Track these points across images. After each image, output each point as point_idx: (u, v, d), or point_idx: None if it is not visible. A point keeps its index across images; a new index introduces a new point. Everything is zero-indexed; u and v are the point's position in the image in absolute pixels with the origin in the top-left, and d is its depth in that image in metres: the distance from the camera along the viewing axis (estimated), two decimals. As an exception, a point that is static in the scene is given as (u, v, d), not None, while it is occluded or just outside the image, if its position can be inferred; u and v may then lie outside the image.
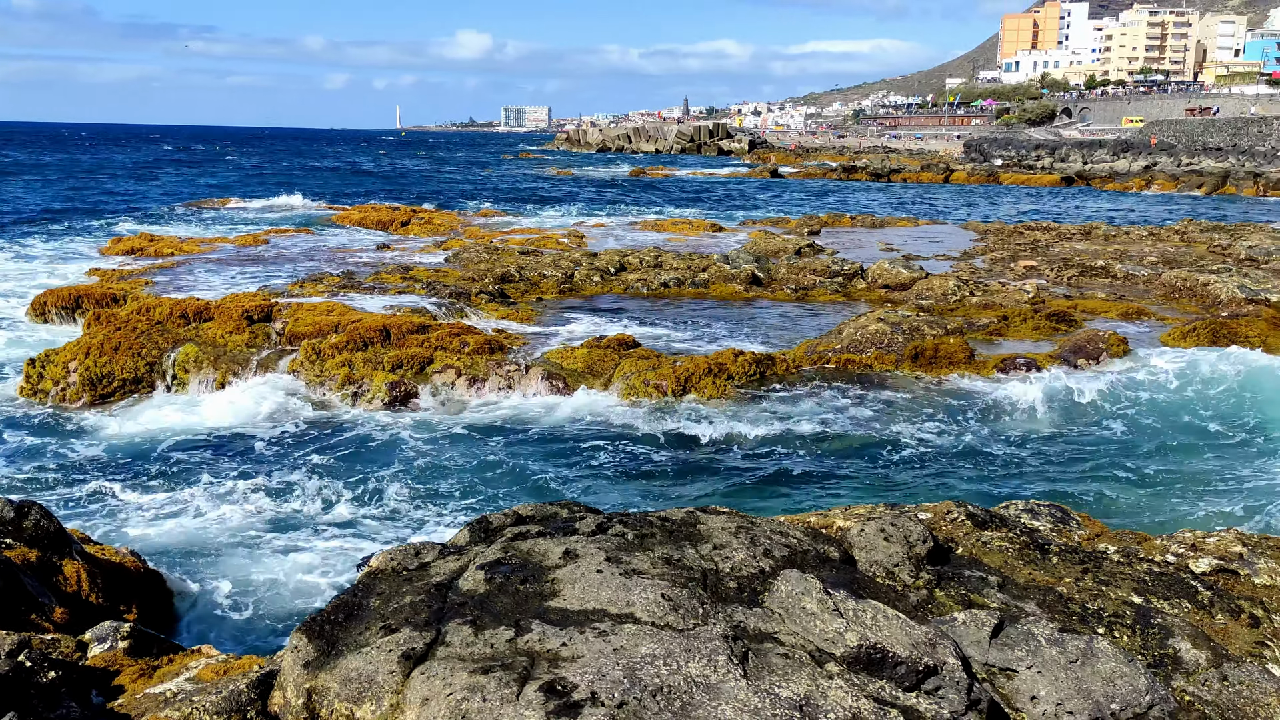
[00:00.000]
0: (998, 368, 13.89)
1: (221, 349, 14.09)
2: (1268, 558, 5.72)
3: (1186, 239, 27.13)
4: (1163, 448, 11.50)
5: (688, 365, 12.89)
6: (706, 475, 10.83)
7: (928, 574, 5.26)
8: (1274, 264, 21.62)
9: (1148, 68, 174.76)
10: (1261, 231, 28.60)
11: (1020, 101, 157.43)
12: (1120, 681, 4.21)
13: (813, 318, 17.25)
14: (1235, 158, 72.04)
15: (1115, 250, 24.58)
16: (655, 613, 4.23)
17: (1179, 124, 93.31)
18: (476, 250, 22.10)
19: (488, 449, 11.51)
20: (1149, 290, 19.53)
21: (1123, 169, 71.12)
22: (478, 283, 18.31)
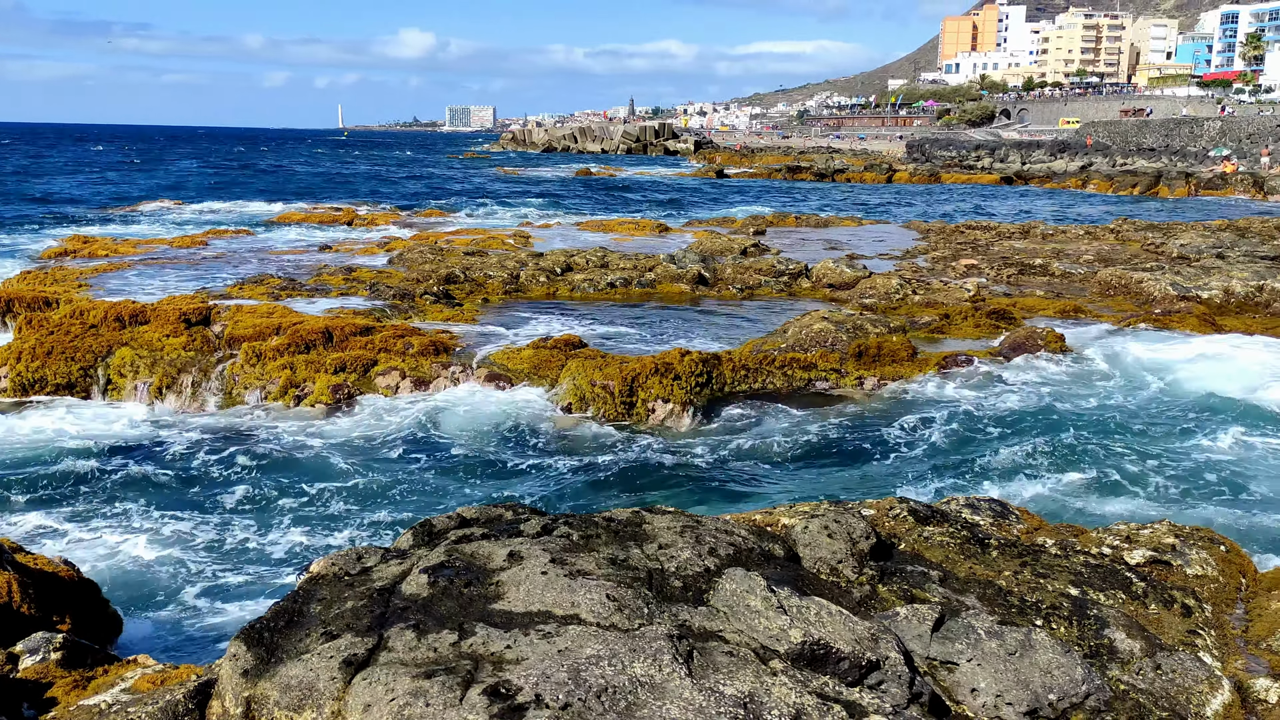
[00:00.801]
0: (940, 365, 14.08)
1: (159, 353, 13.82)
2: (1199, 548, 5.86)
3: (1121, 238, 27.72)
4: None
5: (635, 365, 12.90)
6: (654, 475, 10.85)
7: (871, 570, 5.31)
8: (1205, 262, 22.16)
9: (1083, 70, 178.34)
10: (1193, 230, 29.31)
11: (961, 103, 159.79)
12: (1058, 672, 4.29)
13: (759, 317, 17.35)
14: (1168, 158, 73.76)
15: (1053, 249, 25.03)
16: (600, 613, 4.22)
17: (1114, 125, 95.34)
18: (420, 251, 21.91)
19: (432, 451, 11.42)
20: (1085, 288, 19.93)
21: (1060, 169, 72.48)
22: (422, 284, 18.16)
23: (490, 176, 75.40)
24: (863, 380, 13.82)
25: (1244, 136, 76.07)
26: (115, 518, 9.47)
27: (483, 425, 12.16)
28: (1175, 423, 12.19)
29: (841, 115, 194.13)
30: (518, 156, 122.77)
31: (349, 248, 24.66)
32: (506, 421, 12.22)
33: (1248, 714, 4.32)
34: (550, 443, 11.80)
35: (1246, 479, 10.48)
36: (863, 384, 13.78)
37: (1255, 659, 4.82)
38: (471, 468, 10.96)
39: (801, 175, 76.74)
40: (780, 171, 79.89)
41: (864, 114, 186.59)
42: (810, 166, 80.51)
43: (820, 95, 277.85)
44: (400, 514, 9.65)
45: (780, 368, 13.93)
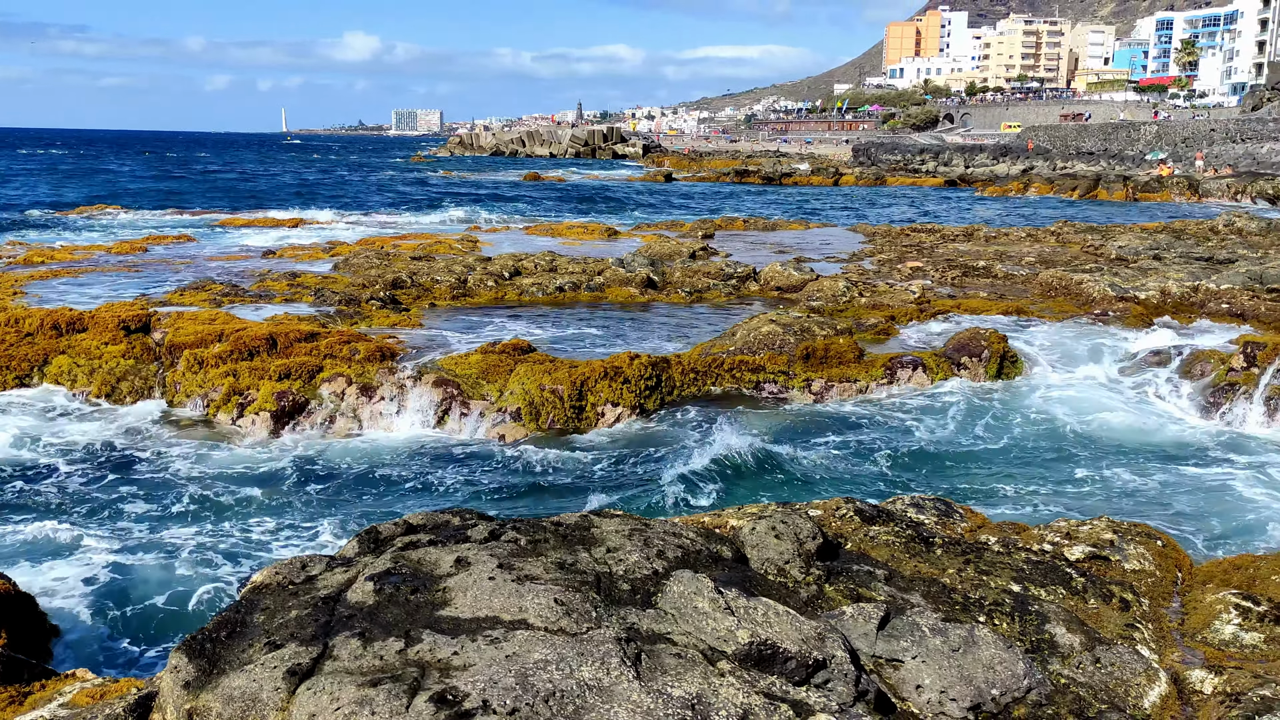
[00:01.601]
0: (885, 366, 14.23)
1: (97, 361, 13.55)
2: (1136, 543, 5.99)
3: (1062, 240, 28.23)
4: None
5: (584, 369, 12.88)
6: (603, 479, 10.84)
7: (818, 569, 5.36)
8: (1142, 263, 22.65)
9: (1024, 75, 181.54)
10: (1130, 232, 29.94)
11: (905, 107, 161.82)
12: (1000, 667, 4.36)
13: (707, 320, 17.42)
14: (1106, 161, 75.27)
15: (996, 251, 25.43)
16: (548, 618, 4.21)
17: (1054, 129, 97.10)
18: (367, 256, 21.70)
19: (378, 457, 11.31)
20: (1027, 289, 20.26)
21: (1002, 172, 73.68)
22: (368, 289, 17.98)
23: (437, 180, 74.88)
24: (810, 382, 13.93)
25: (1179, 140, 77.87)
26: (54, 528, 9.25)
27: (433, 429, 12.07)
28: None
29: (788, 119, 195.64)
30: (466, 160, 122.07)
31: (293, 253, 24.33)
32: (453, 425, 12.13)
33: (1184, 704, 4.42)
34: (499, 448, 11.75)
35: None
36: (810, 386, 13.89)
37: (1191, 651, 4.94)
38: (418, 475, 10.87)
39: (749, 179, 77.19)
40: (728, 175, 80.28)
41: (811, 118, 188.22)
42: (758, 170, 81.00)
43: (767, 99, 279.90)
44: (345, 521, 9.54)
45: (729, 370, 13.99)
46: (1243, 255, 23.41)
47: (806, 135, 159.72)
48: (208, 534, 9.21)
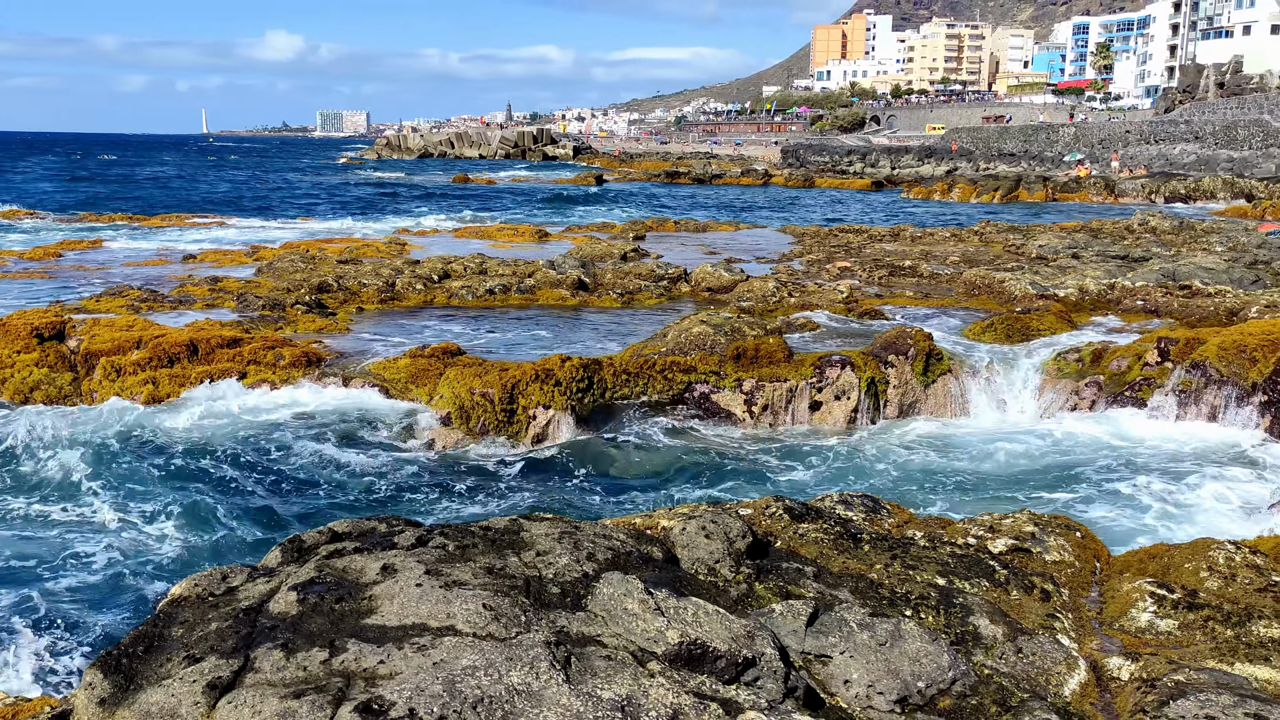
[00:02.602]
0: (815, 366, 14.38)
1: (9, 370, 13.11)
2: (1056, 535, 6.13)
3: (985, 239, 28.82)
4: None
5: (515, 372, 12.81)
6: (535, 482, 10.79)
7: (748, 568, 5.39)
8: (1061, 261, 23.21)
9: (947, 78, 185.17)
10: (1050, 231, 30.69)
11: (833, 109, 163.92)
12: (926, 660, 4.42)
13: (639, 321, 17.44)
14: (1027, 162, 77.09)
15: (921, 251, 25.87)
16: (477, 623, 4.17)
17: (976, 131, 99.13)
18: (291, 260, 21.33)
19: (301, 463, 11.11)
20: (952, 288, 20.64)
21: (927, 173, 75.05)
22: (293, 293, 17.67)
23: (365, 183, 73.95)
24: (741, 382, 14.02)
25: (1096, 142, 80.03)
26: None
27: (359, 434, 11.89)
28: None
29: (718, 121, 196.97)
30: (393, 162, 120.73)
31: (215, 258, 23.82)
32: (381, 432, 11.97)
33: (1102, 691, 4.53)
34: (428, 453, 11.63)
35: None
36: (741, 386, 13.98)
37: (1109, 639, 5.06)
38: (343, 481, 10.71)
39: (680, 180, 77.54)
40: (659, 176, 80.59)
41: (740, 120, 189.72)
42: (688, 172, 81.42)
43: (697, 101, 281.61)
44: (262, 531, 9.35)
45: (661, 371, 14.02)
46: (1156, 253, 24.12)
47: (736, 137, 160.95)
48: (114, 544, 8.98)
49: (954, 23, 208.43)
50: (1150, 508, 10.17)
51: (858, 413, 14.02)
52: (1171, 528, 9.68)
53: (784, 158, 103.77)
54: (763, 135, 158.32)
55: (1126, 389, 13.21)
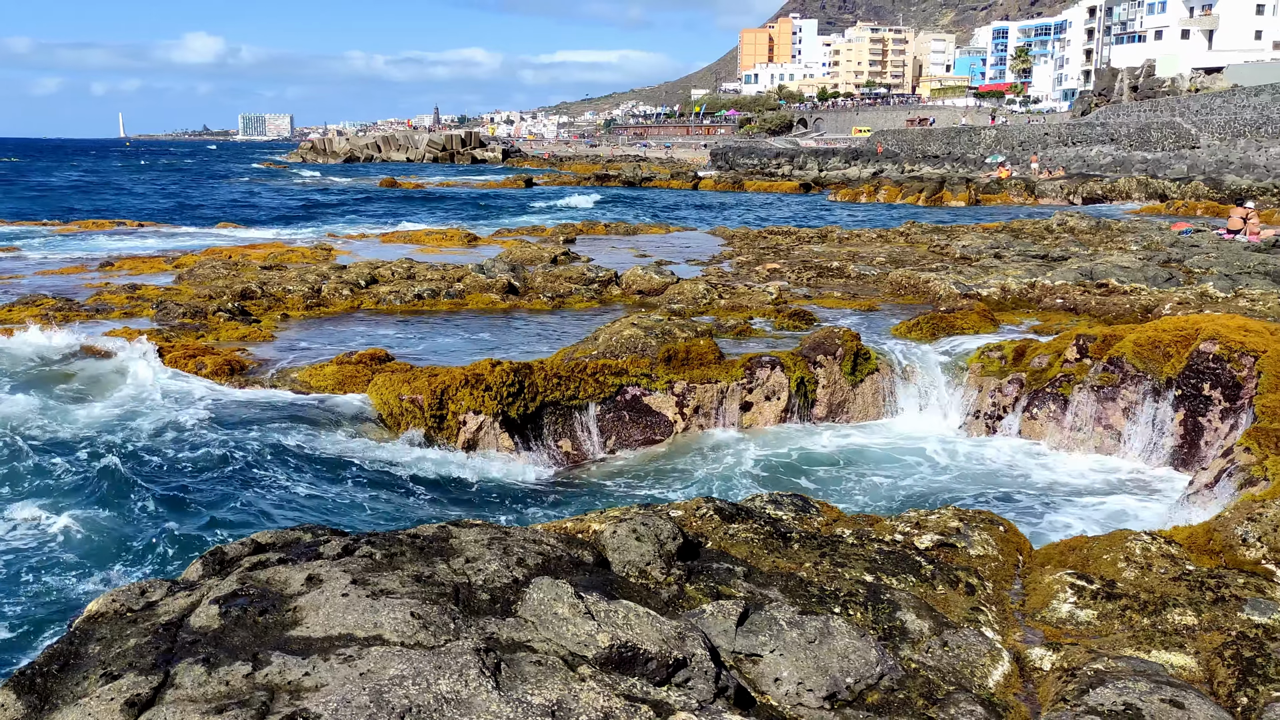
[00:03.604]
0: (745, 367, 14.48)
1: (-84, 383, 12.63)
2: (980, 530, 6.24)
3: (910, 240, 29.31)
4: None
5: (444, 378, 12.69)
6: (466, 488, 10.70)
7: (679, 570, 5.40)
8: (984, 261, 23.70)
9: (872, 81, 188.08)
10: (973, 232, 31.31)
11: (760, 112, 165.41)
12: (854, 656, 4.47)
13: (570, 325, 17.40)
14: (950, 164, 78.61)
15: (849, 252, 26.22)
16: (405, 632, 4.12)
17: (901, 133, 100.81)
18: (213, 266, 20.87)
19: (225, 473, 10.87)
20: (879, 288, 20.95)
21: (854, 175, 76.13)
22: (215, 300, 17.28)
23: (289, 188, 72.73)
24: (672, 384, 14.06)
25: (1016, 144, 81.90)
26: None
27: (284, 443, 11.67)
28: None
29: (648, 124, 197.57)
30: (319, 167, 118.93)
31: (133, 265, 23.20)
32: (306, 439, 11.77)
33: (1025, 682, 4.63)
34: (356, 460, 11.46)
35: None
36: (673, 388, 14.02)
37: (1031, 630, 5.17)
38: (267, 490, 10.50)
39: (610, 183, 77.64)
40: (589, 179, 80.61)
41: (669, 123, 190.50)
42: (618, 174, 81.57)
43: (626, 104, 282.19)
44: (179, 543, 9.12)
45: (592, 374, 14.00)
46: (1074, 253, 24.75)
47: (666, 140, 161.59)
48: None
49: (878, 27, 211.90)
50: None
51: (788, 413, 14.15)
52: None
53: (713, 160, 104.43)
54: (692, 138, 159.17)
55: (1048, 385, 13.52)
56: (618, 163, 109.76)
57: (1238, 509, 6.29)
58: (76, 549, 8.92)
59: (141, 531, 9.32)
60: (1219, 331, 12.20)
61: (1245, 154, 59.48)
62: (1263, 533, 5.80)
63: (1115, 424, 12.69)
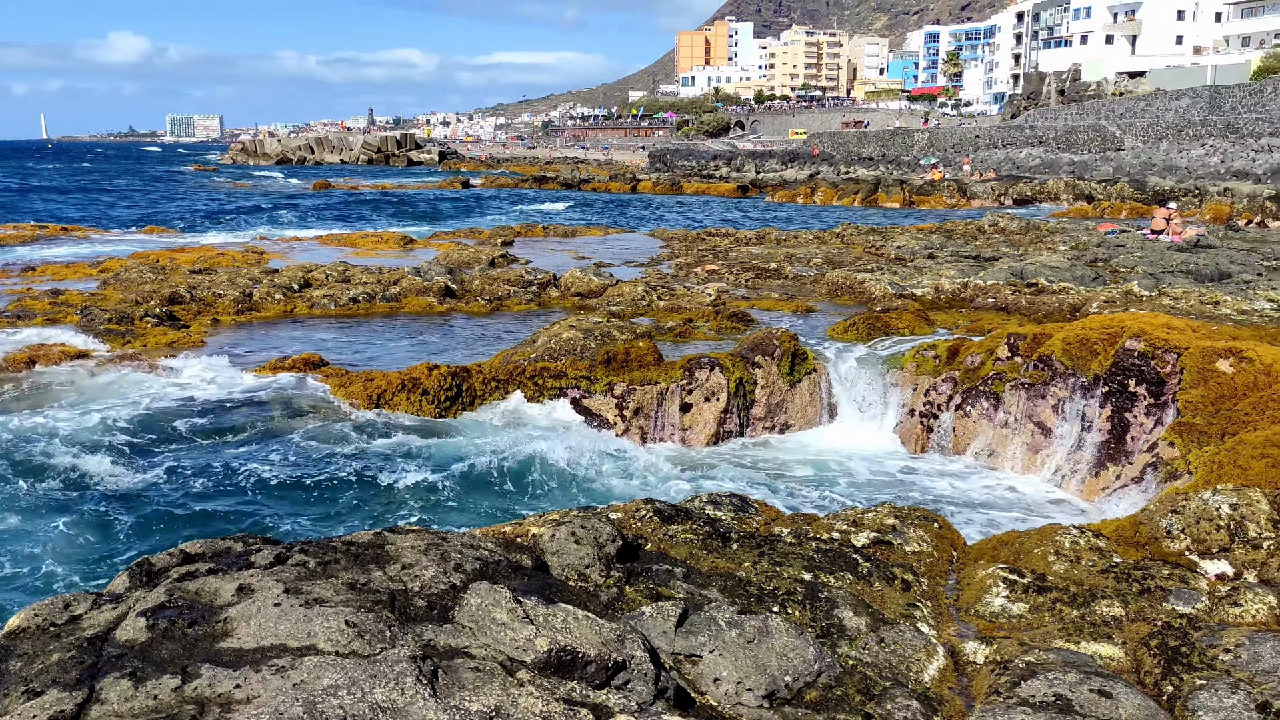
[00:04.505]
0: (684, 368, 14.52)
1: None
2: (915, 527, 6.33)
3: (846, 241, 29.64)
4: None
5: (380, 382, 12.54)
6: (404, 493, 10.57)
7: (618, 572, 5.39)
8: (918, 262, 24.06)
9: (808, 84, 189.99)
10: (907, 233, 31.76)
11: (698, 114, 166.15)
12: (792, 654, 4.50)
13: (508, 328, 17.30)
14: (885, 166, 79.66)
15: (786, 253, 26.43)
16: (339, 641, 4.05)
17: (837, 136, 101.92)
18: (140, 271, 20.39)
19: (145, 478, 10.62)
20: (815, 289, 21.15)
21: (791, 177, 76.75)
22: (142, 305, 16.88)
23: (219, 190, 71.40)
24: (612, 386, 14.05)
25: (949, 146, 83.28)
26: None
27: (214, 447, 11.44)
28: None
29: (585, 126, 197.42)
30: (250, 168, 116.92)
31: (56, 270, 22.57)
32: (235, 440, 11.55)
33: (960, 675, 4.69)
34: (290, 464, 11.27)
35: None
36: (612, 390, 14.00)
37: (965, 624, 5.25)
38: (193, 496, 10.28)
39: (548, 185, 77.39)
40: (527, 181, 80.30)
41: (607, 125, 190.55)
42: (557, 176, 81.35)
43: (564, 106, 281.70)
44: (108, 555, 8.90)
45: (531, 378, 13.94)
46: (1005, 253, 25.23)
47: (604, 141, 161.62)
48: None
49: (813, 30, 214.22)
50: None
51: (727, 413, 14.22)
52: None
53: (651, 162, 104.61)
54: (630, 140, 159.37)
55: (980, 383, 13.76)
56: (555, 165, 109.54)
57: (1162, 502, 6.45)
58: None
59: (69, 542, 9.07)
60: (1143, 329, 12.51)
61: (1168, 156, 61.16)
62: (1185, 525, 5.96)
63: (1046, 420, 12.95)
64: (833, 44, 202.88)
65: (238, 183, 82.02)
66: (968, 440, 13.46)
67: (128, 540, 9.24)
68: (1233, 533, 5.87)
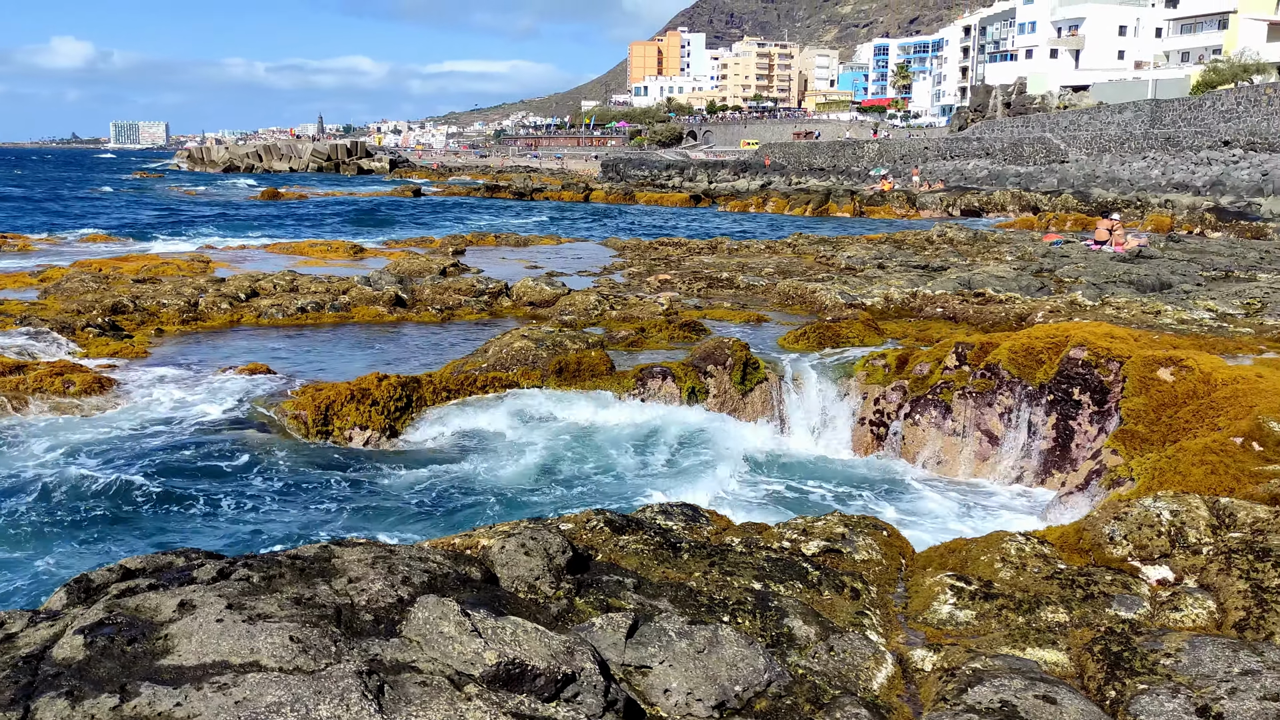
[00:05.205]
0: (636, 378, 14.53)
1: None
2: (865, 535, 6.37)
3: (797, 251, 29.87)
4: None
5: (329, 392, 12.40)
6: (352, 507, 10.45)
7: (568, 583, 5.37)
8: (868, 272, 24.30)
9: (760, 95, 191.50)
10: (857, 243, 32.08)
11: (651, 124, 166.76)
12: (742, 664, 4.50)
13: (460, 337, 17.20)
14: (835, 177, 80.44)
15: (738, 263, 26.57)
16: (283, 657, 3.98)
17: (788, 146, 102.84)
18: (82, 280, 19.99)
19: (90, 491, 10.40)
20: (767, 299, 21.28)
21: (743, 187, 77.21)
22: (84, 315, 16.55)
23: (165, 198, 70.29)
24: (563, 395, 14.01)
25: (898, 157, 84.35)
26: None
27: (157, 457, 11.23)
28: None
29: (538, 135, 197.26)
30: (197, 176, 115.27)
31: (-5, 278, 22.09)
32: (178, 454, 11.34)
33: (908, 683, 4.73)
34: (235, 475, 11.09)
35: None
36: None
37: (914, 632, 5.29)
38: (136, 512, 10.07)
39: (501, 194, 77.12)
40: (479, 190, 79.95)
41: (560, 134, 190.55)
42: (509, 185, 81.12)
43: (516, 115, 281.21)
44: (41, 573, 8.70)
45: (482, 387, 13.86)
46: (953, 263, 25.57)
47: (557, 151, 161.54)
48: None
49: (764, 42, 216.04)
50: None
51: (679, 422, 14.23)
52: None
53: (604, 172, 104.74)
54: (583, 149, 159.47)
55: (929, 392, 13.91)
56: (508, 174, 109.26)
57: (1105, 509, 6.55)
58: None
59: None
60: (1087, 338, 12.74)
61: (1110, 168, 62.42)
62: (1128, 531, 6.06)
63: (993, 428, 13.13)
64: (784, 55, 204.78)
65: (185, 190, 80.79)
66: (917, 448, 13.60)
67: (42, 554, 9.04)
68: (1173, 538, 5.98)
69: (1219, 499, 6.44)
